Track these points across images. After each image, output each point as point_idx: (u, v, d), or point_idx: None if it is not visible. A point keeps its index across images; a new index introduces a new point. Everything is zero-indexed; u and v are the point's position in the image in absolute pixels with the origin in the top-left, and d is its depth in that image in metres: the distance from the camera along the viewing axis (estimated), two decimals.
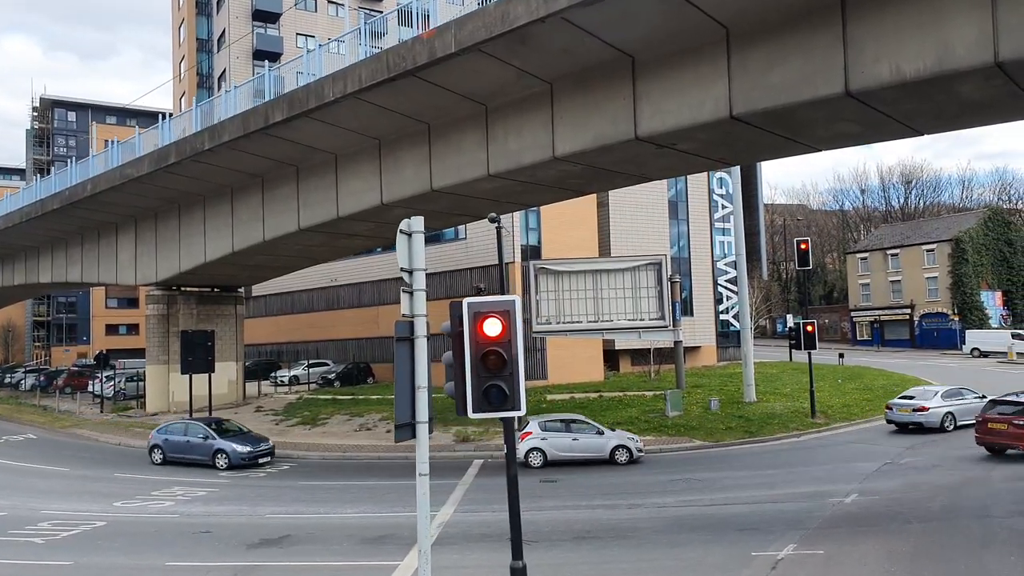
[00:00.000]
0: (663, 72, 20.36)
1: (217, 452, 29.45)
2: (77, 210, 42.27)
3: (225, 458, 29.25)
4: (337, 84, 24.53)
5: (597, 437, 27.92)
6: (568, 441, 27.77)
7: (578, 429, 28.07)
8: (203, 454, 29.73)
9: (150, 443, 31.25)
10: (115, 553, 17.34)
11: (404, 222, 8.93)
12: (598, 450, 27.71)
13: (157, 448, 30.74)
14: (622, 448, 27.74)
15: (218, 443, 29.57)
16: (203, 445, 29.83)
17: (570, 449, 27.72)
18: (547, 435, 27.82)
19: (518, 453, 26.06)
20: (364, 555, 16.90)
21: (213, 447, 29.62)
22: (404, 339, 8.79)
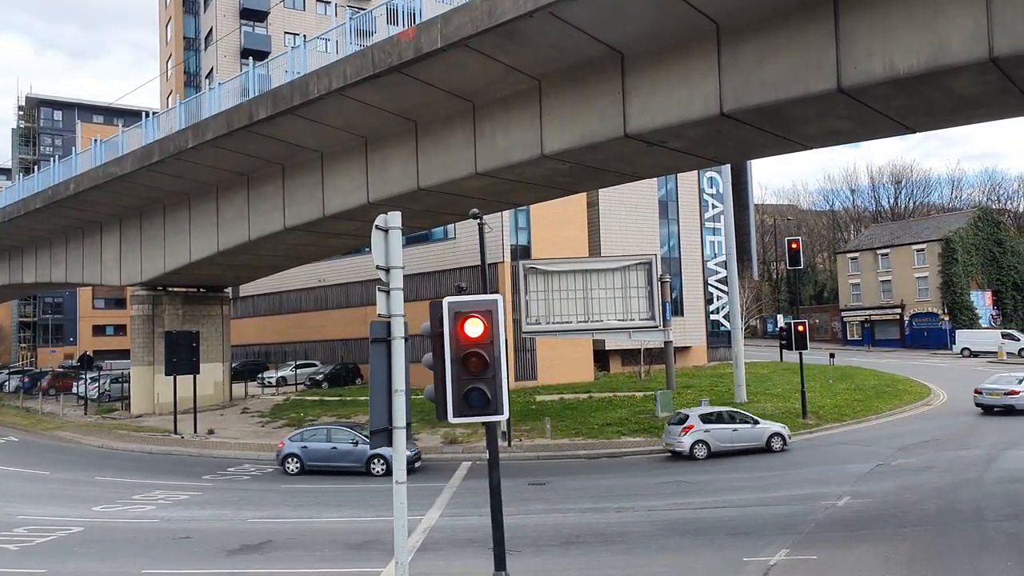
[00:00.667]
0: (653, 68, 20.04)
1: (373, 458, 27.08)
2: (60, 209, 41.77)
3: (383, 464, 26.78)
4: (322, 80, 24.15)
5: (754, 427, 29.56)
6: (729, 432, 29.03)
7: (737, 419, 29.77)
8: (355, 461, 27.29)
9: (283, 452, 27.98)
10: (90, 560, 16.89)
11: (380, 218, 8.55)
12: (756, 439, 29.28)
13: (293, 457, 27.70)
14: (777, 436, 29.51)
15: (373, 448, 26.11)
16: (355, 451, 27.35)
17: (731, 440, 28.97)
18: (709, 427, 28.83)
19: (683, 446, 28.32)
20: (346, 562, 16.49)
21: (367, 453, 27.01)
22: (380, 340, 8.40)
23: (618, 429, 33.09)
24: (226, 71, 63.42)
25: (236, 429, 37.88)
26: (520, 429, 33.55)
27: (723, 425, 29.05)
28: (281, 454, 27.99)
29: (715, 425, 28.89)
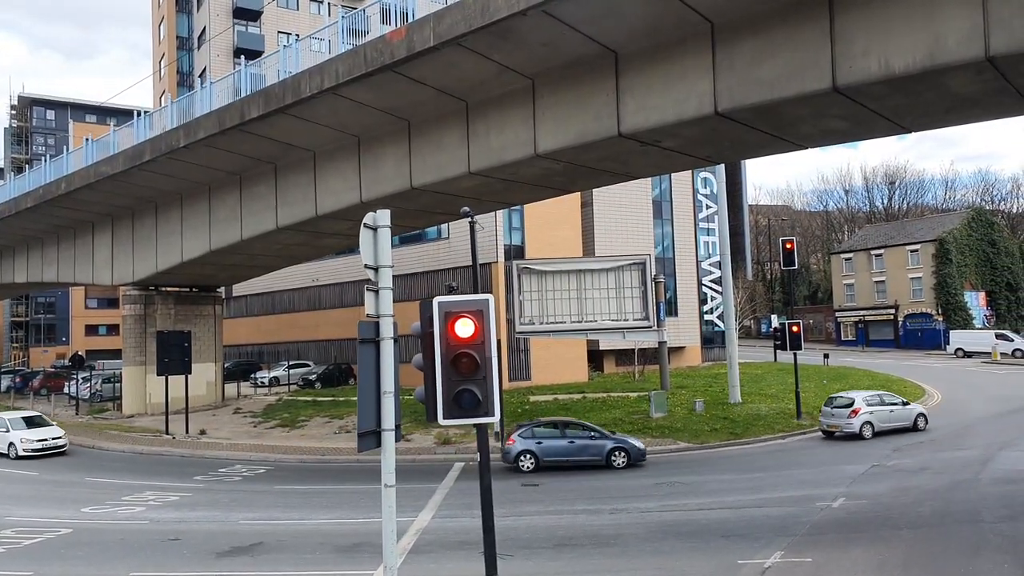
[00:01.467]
0: (647, 67, 19.91)
1: (614, 451, 27.10)
2: (52, 209, 41.51)
3: (624, 456, 27.05)
4: (314, 79, 23.97)
5: (904, 408, 32.33)
6: (887, 412, 31.88)
7: (890, 402, 32.41)
8: (595, 454, 27.14)
9: (515, 449, 27.22)
10: (78, 562, 16.71)
11: (369, 216, 8.39)
12: (906, 419, 31.76)
13: (528, 454, 27.11)
14: (921, 416, 32.20)
15: (613, 441, 27.34)
16: (594, 445, 27.27)
17: (889, 420, 31.59)
18: (872, 409, 31.37)
19: (853, 427, 30.75)
20: (337, 564, 16.34)
21: (607, 446, 27.18)
22: (368, 341, 8.24)
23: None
24: (219, 70, 63.14)
25: (228, 430, 37.68)
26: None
27: (882, 407, 31.68)
28: (513, 452, 27.38)
29: (877, 407, 31.52)
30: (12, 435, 32.38)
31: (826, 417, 31.96)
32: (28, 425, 33.33)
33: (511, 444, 27.39)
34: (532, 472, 26.58)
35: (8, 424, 32.94)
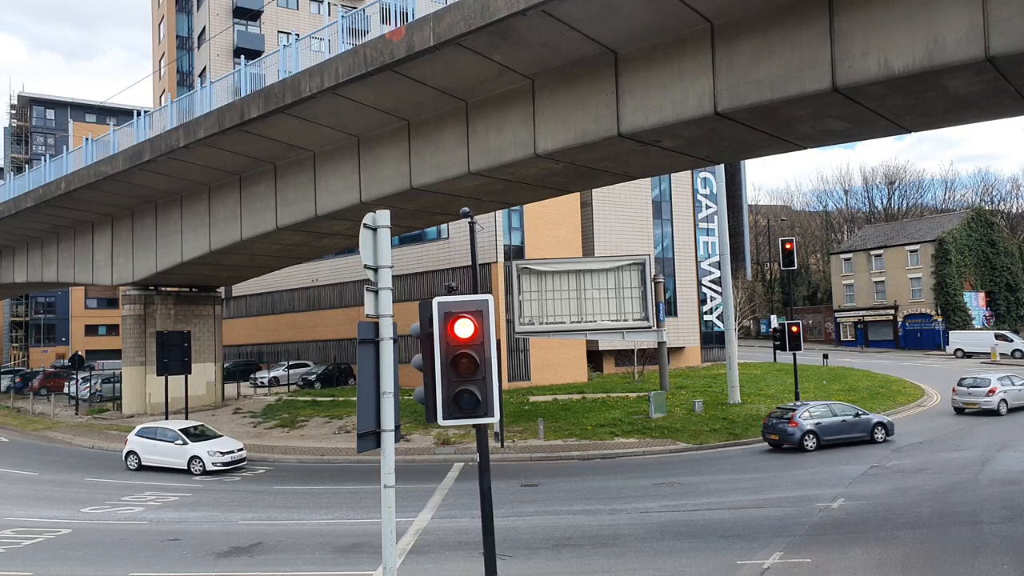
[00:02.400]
0: (646, 67, 19.91)
1: (876, 426, 30.13)
2: (51, 208, 41.49)
3: (883, 431, 30.16)
4: (313, 79, 23.96)
5: None
6: (1017, 391, 35.93)
7: (1018, 382, 36.30)
8: (862, 431, 29.98)
9: (802, 428, 29.06)
10: (77, 563, 16.70)
11: (369, 216, 8.40)
12: None
13: (811, 435, 29.10)
14: None
15: (876, 419, 30.39)
16: (860, 422, 30.16)
17: (1018, 398, 35.78)
18: (1007, 388, 35.66)
19: (992, 404, 34.76)
20: (336, 564, 16.33)
21: (871, 421, 30.33)
22: (368, 341, 8.24)
23: (612, 430, 32.96)
24: (219, 70, 63.16)
25: (228, 429, 37.55)
26: (513, 430, 33.42)
27: (1014, 387, 35.57)
28: (798, 433, 29.06)
29: (1011, 387, 35.46)
30: (195, 448, 28.43)
31: (962, 395, 35.14)
32: (201, 437, 29.35)
33: (794, 427, 29.17)
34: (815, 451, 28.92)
35: (183, 436, 28.84)
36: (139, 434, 29.80)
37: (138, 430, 30.16)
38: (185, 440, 28.71)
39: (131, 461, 29.42)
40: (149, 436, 29.54)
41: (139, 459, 29.21)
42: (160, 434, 29.40)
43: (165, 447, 28.86)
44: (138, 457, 29.25)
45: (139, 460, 29.21)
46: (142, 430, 30.08)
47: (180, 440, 28.74)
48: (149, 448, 29.16)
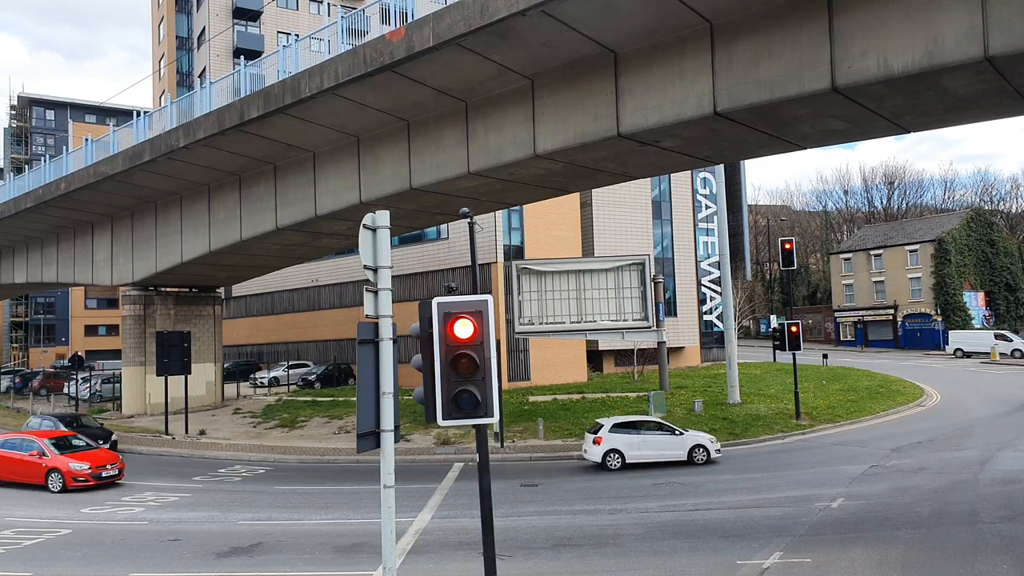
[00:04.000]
0: (646, 67, 19.92)
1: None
2: (51, 209, 41.47)
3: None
4: (313, 79, 23.96)
5: None
6: None
7: None
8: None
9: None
10: (77, 563, 16.70)
11: (368, 217, 8.41)
12: None
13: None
14: None
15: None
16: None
17: None
18: None
19: None
20: (336, 564, 16.33)
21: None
22: (368, 342, 8.25)
23: None
24: (219, 70, 63.18)
25: (228, 430, 37.67)
26: (513, 430, 33.44)
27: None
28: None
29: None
30: None
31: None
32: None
33: None
34: None
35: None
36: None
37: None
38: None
39: None
40: None
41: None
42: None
43: None
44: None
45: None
46: None
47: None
48: None
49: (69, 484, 24.83)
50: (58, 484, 24.91)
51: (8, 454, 26.00)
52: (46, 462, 25.29)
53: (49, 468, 25.16)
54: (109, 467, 25.85)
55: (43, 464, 25.28)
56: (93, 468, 25.31)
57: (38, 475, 25.25)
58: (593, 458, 27.17)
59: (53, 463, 25.22)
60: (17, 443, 26.36)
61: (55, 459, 25.33)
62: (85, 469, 25.18)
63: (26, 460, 25.60)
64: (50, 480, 25.06)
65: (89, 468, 25.24)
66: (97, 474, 25.33)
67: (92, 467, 25.32)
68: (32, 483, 25.27)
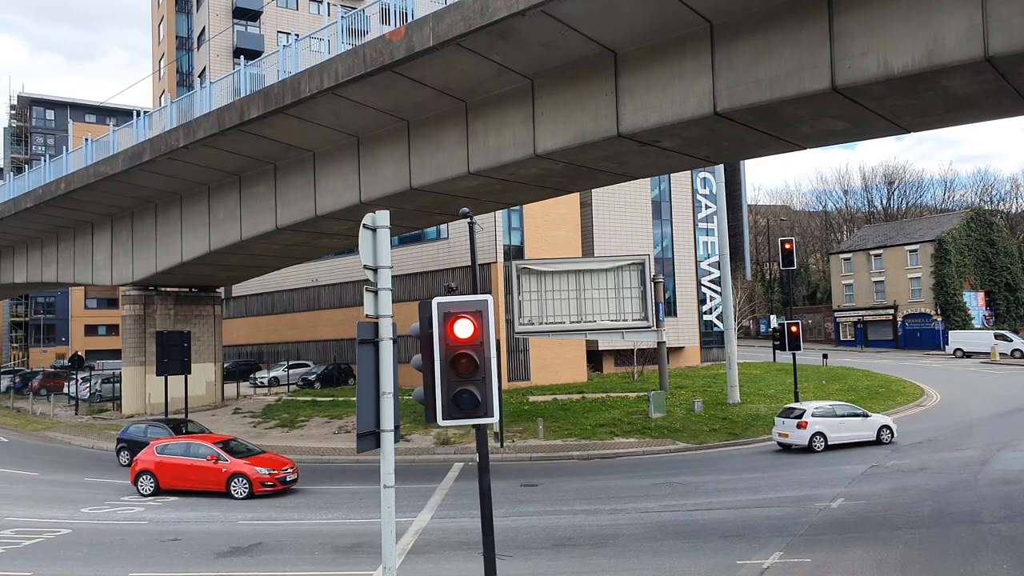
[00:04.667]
0: (646, 67, 19.92)
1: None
2: (51, 209, 41.48)
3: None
4: (313, 79, 23.96)
5: None
6: None
7: None
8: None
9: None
10: (77, 563, 16.70)
11: (368, 217, 8.41)
12: None
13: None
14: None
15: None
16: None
17: None
18: None
19: None
20: (336, 564, 16.33)
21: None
22: (368, 342, 8.25)
23: (611, 430, 32.99)
24: (219, 70, 63.19)
25: (228, 430, 37.56)
26: (513, 430, 33.45)
27: None
28: None
29: None
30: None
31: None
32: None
33: None
34: None
35: None
36: None
37: None
38: None
39: None
40: None
41: None
42: None
43: None
44: None
45: None
46: None
47: None
48: None
49: (256, 490, 23.48)
50: (243, 490, 23.49)
51: (178, 460, 24.38)
52: (226, 467, 23.72)
53: (231, 473, 23.64)
54: (289, 471, 24.53)
55: (223, 470, 23.70)
56: (278, 472, 24.13)
57: (218, 481, 23.71)
58: (799, 441, 28.86)
59: (235, 468, 23.72)
60: (182, 448, 24.78)
61: (235, 464, 23.84)
62: (272, 474, 23.91)
63: (203, 466, 23.97)
64: (232, 486, 23.57)
65: (275, 472, 24.03)
66: (282, 478, 24.06)
67: (277, 471, 24.14)
68: (210, 490, 23.89)
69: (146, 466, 24.56)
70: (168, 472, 24.30)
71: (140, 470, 24.55)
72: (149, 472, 24.41)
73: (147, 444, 26.64)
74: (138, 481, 24.43)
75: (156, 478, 24.30)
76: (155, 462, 24.51)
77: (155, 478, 24.30)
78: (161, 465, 24.41)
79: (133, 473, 24.69)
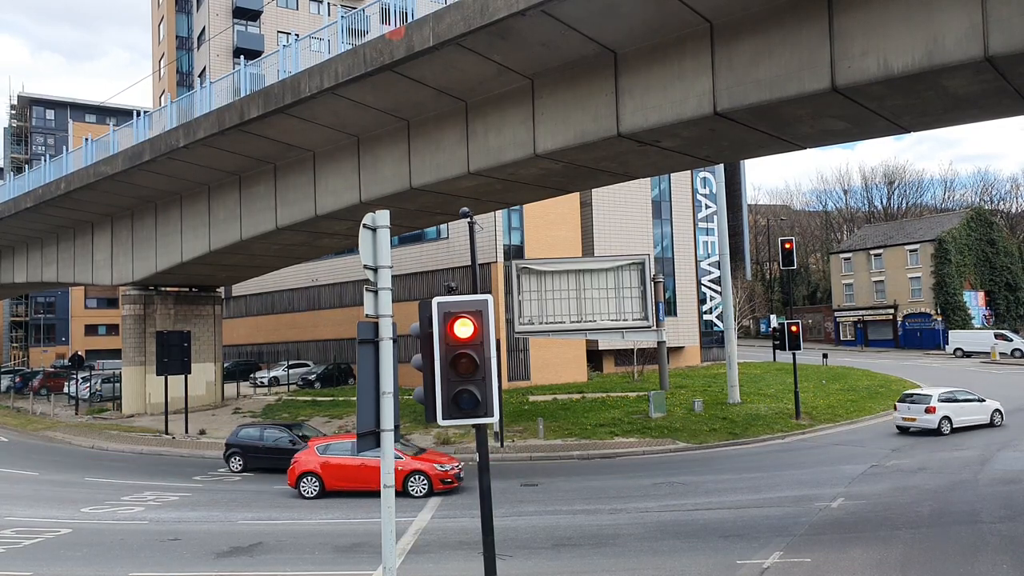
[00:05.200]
0: (646, 67, 19.92)
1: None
2: (51, 209, 41.48)
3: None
4: (313, 79, 23.97)
5: None
6: None
7: None
8: None
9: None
10: (77, 563, 16.70)
11: (368, 216, 8.42)
12: None
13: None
14: None
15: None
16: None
17: None
18: None
19: None
20: (336, 564, 16.34)
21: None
22: (368, 341, 8.25)
23: (611, 430, 32.99)
24: (219, 70, 63.18)
25: (228, 429, 37.44)
26: (513, 430, 33.45)
27: None
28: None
29: None
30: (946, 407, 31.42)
31: None
32: None
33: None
34: None
35: None
36: None
37: None
38: None
39: None
40: None
41: None
42: None
43: None
44: None
45: None
46: None
47: None
48: None
49: (436, 487, 23.12)
50: (422, 488, 23.05)
51: (345, 460, 23.51)
52: (402, 465, 22.98)
53: (409, 471, 23.18)
54: (459, 467, 24.32)
55: (399, 468, 22.68)
56: (454, 468, 23.79)
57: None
58: (928, 424, 31.07)
59: (413, 466, 23.30)
60: (348, 447, 23.66)
61: (412, 462, 23.43)
62: (449, 470, 23.54)
63: (375, 465, 21.66)
64: (410, 485, 23.07)
65: (452, 469, 23.66)
66: (457, 474, 23.81)
67: (452, 467, 23.79)
68: None
69: (309, 467, 23.61)
70: (335, 473, 23.49)
71: (303, 472, 23.59)
72: (314, 474, 23.52)
73: (261, 448, 27.21)
74: (300, 484, 23.53)
75: (321, 479, 23.47)
76: (319, 463, 23.62)
77: (320, 479, 23.48)
78: (327, 466, 23.57)
79: (293, 476, 23.69)
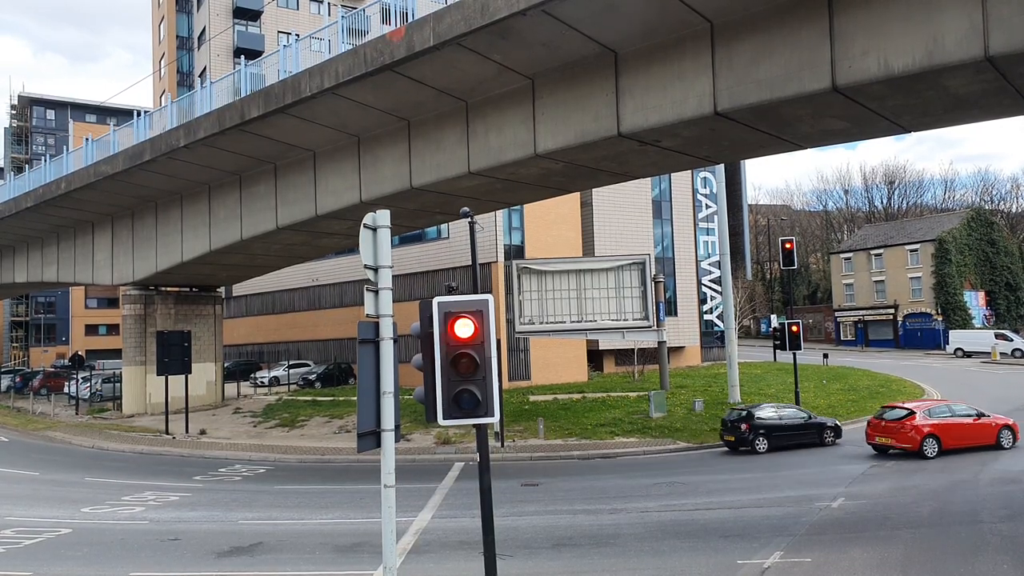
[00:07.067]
0: (646, 67, 19.93)
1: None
2: (51, 208, 41.52)
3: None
4: (314, 79, 23.98)
5: None
6: None
7: None
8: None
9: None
10: (77, 563, 16.69)
11: (369, 216, 8.41)
12: None
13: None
14: None
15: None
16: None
17: None
18: None
19: None
20: (337, 564, 16.32)
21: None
22: (368, 341, 8.24)
23: (612, 430, 32.98)
24: (219, 70, 63.19)
25: (228, 429, 37.68)
26: (513, 429, 33.45)
27: None
28: None
29: None
30: None
31: None
32: None
33: None
34: None
35: None
36: None
37: None
38: None
39: None
40: None
41: None
42: None
43: None
44: None
45: None
46: None
47: None
48: None
49: (1018, 439, 28.02)
50: (1009, 440, 27.86)
51: (954, 421, 27.53)
52: (994, 422, 28.04)
53: (1001, 427, 27.94)
54: None
55: (992, 424, 27.92)
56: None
57: (990, 436, 27.71)
58: None
59: (1002, 422, 28.23)
60: (947, 410, 28.05)
61: (999, 419, 28.49)
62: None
63: (974, 424, 27.69)
64: (1002, 438, 27.74)
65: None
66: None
67: None
68: (982, 444, 27.63)
69: (930, 430, 26.90)
70: (950, 433, 27.16)
71: (927, 434, 26.79)
72: (935, 435, 26.87)
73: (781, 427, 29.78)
74: (923, 445, 26.58)
75: (940, 440, 26.86)
76: (934, 424, 27.14)
77: (939, 440, 26.86)
78: (942, 427, 27.16)
79: (919, 436, 26.62)
